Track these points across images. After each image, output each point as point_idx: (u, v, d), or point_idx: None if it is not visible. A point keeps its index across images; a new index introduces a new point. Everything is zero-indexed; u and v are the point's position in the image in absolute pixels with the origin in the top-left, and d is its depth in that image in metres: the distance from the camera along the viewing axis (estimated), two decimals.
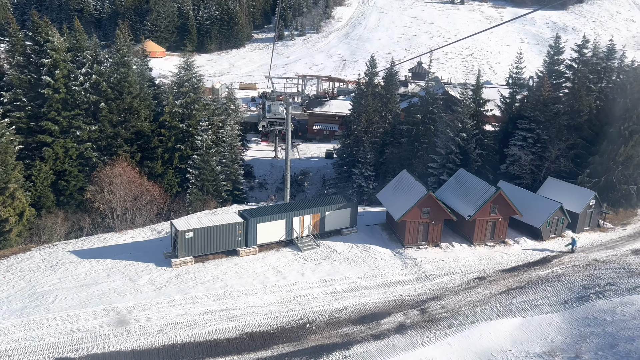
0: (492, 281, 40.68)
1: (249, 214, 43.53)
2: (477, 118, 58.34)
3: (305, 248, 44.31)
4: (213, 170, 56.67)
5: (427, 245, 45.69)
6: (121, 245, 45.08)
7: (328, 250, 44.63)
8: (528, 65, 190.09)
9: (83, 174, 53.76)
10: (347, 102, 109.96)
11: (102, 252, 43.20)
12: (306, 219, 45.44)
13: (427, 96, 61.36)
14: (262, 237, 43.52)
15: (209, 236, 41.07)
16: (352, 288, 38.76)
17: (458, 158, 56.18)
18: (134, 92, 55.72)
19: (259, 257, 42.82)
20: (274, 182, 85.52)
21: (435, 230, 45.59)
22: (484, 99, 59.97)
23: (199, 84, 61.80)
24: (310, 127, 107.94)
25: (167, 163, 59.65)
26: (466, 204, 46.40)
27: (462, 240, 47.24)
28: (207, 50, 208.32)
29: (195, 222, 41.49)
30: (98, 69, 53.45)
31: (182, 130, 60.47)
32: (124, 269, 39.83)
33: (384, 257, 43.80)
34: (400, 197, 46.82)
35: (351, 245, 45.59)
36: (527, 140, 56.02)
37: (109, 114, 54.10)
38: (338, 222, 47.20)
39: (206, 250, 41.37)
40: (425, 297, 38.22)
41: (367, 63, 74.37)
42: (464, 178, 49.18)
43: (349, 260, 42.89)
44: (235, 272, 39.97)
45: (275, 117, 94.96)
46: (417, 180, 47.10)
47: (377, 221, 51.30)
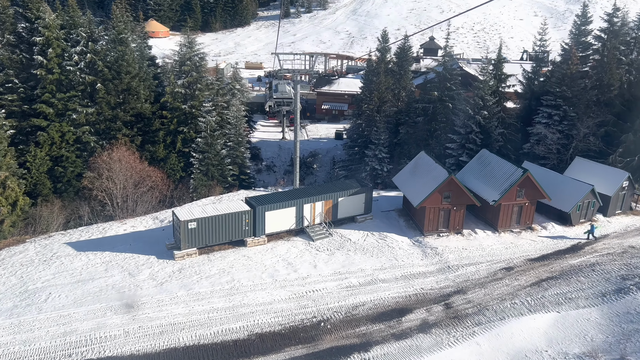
0: (521, 272, 37.50)
1: (257, 201, 40.46)
2: (498, 95, 54.54)
3: (317, 237, 41.28)
4: (218, 154, 53.54)
5: (448, 233, 42.50)
6: (121, 235, 42.26)
7: (342, 239, 41.57)
8: None
9: (81, 160, 50.82)
10: (357, 80, 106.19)
11: (101, 243, 40.41)
12: (318, 206, 42.31)
13: (444, 72, 57.52)
14: (271, 226, 40.51)
15: (214, 226, 38.11)
16: (369, 281, 35.75)
17: (478, 138, 52.60)
18: (132, 72, 52.39)
19: (268, 247, 39.86)
20: (282, 165, 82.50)
21: (457, 217, 42.34)
22: (505, 73, 56.05)
23: (201, 62, 58.30)
24: (318, 106, 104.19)
25: (170, 147, 56.55)
26: (490, 187, 43.01)
27: (486, 227, 43.98)
28: (212, 29, 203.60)
29: (198, 211, 38.49)
30: (93, 48, 50.10)
31: (185, 112, 57.20)
32: (123, 263, 37.02)
33: (402, 246, 40.70)
34: (418, 181, 43.50)
35: (366, 234, 42.49)
36: (553, 117, 52.25)
37: (107, 96, 50.90)
38: (352, 209, 44.04)
39: (211, 241, 38.45)
40: (449, 290, 35.14)
41: (378, 38, 70.44)
42: (487, 159, 45.69)
43: (365, 250, 39.83)
44: (242, 265, 37.05)
45: (283, 97, 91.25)
46: (436, 162, 43.69)
47: (393, 207, 48.09)
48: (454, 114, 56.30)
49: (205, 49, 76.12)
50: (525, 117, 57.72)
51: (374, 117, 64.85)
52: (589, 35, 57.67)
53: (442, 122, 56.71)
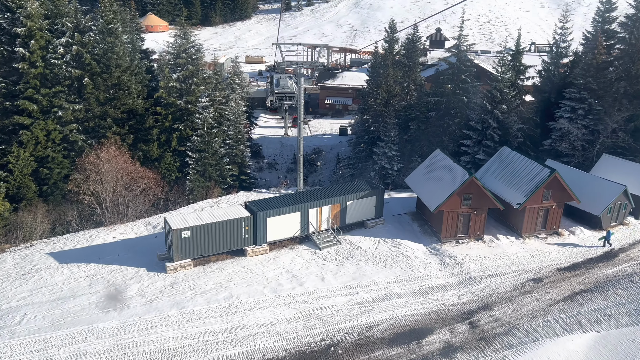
0: (551, 283, 33.74)
1: (257, 206, 36.72)
2: (517, 87, 50.64)
3: (324, 245, 37.55)
4: (216, 152, 49.78)
5: (468, 239, 38.73)
6: (109, 244, 38.57)
7: (351, 247, 37.83)
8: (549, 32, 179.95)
9: (68, 160, 47.07)
10: (362, 73, 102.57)
11: (86, 253, 36.72)
12: (324, 211, 38.57)
13: (457, 63, 53.57)
14: (274, 233, 36.79)
15: (211, 234, 34.39)
16: (383, 296, 32.01)
17: (496, 134, 48.73)
18: (123, 65, 48.59)
19: (270, 257, 36.14)
20: (284, 162, 79.04)
21: (478, 222, 38.56)
22: (524, 64, 52.11)
23: (197, 54, 54.43)
24: (321, 101, 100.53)
25: (165, 145, 52.80)
26: (513, 189, 39.20)
27: (508, 232, 40.22)
28: (212, 23, 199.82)
29: (193, 217, 34.76)
30: (80, 39, 46.30)
31: (181, 108, 53.44)
32: (110, 276, 33.32)
33: (417, 255, 36.95)
34: (434, 183, 39.69)
35: (378, 241, 38.74)
36: (577, 111, 48.31)
37: (95, 91, 47.12)
38: (362, 213, 40.29)
39: (207, 250, 34.75)
40: (473, 306, 31.39)
41: (386, 28, 66.43)
42: (509, 158, 41.85)
43: (377, 260, 36.09)
44: (242, 278, 33.34)
45: (285, 92, 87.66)
46: (454, 161, 39.87)
47: (406, 210, 44.33)
48: (469, 108, 52.43)
49: (205, 44, 72.56)
50: (544, 112, 53.80)
51: (382, 112, 60.98)
52: (614, 23, 53.56)
53: (456, 117, 52.81)
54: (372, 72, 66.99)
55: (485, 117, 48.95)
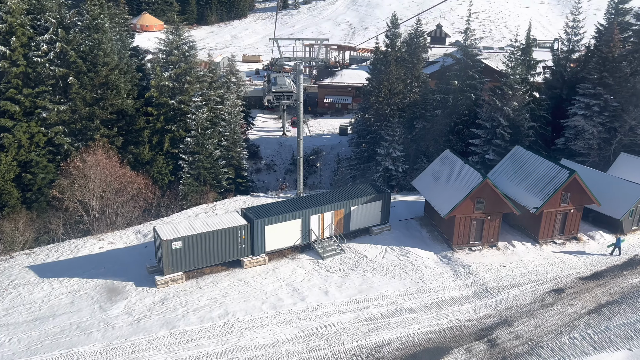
0: (574, 294, 31.10)
1: (255, 213, 34.00)
2: (527, 83, 48.01)
3: (327, 254, 34.86)
4: (210, 155, 47.03)
5: (482, 246, 36.07)
6: (95, 255, 35.82)
7: (356, 256, 35.14)
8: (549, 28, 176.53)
9: (54, 165, 44.28)
10: (361, 71, 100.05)
11: (70, 266, 33.97)
12: (327, 217, 35.88)
13: (464, 58, 50.88)
14: (272, 242, 34.09)
15: (204, 245, 31.68)
16: (392, 311, 29.32)
17: (507, 132, 46.06)
18: (111, 63, 45.82)
19: (268, 268, 33.43)
20: (282, 164, 76.57)
21: (492, 227, 35.89)
22: (535, 59, 49.49)
23: (191, 51, 51.67)
24: (320, 100, 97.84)
25: (156, 148, 50.03)
26: (529, 191, 36.55)
27: (524, 238, 37.59)
28: (208, 22, 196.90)
29: (184, 227, 32.02)
30: (64, 36, 43.53)
31: (173, 108, 50.67)
32: (94, 292, 30.58)
33: (428, 264, 34.26)
34: (444, 186, 37.00)
35: (384, 249, 36.06)
36: (592, 108, 45.64)
37: (82, 91, 44.31)
38: (367, 219, 37.62)
39: (200, 262, 32.04)
40: (491, 321, 28.74)
41: (387, 23, 63.81)
42: (523, 158, 39.19)
43: (385, 270, 33.40)
44: (238, 293, 30.62)
45: (282, 91, 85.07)
46: (466, 163, 37.19)
47: (413, 214, 41.66)
48: (476, 105, 49.78)
49: (201, 43, 69.69)
50: (555, 109, 51.20)
51: (384, 110, 58.37)
52: (628, 15, 50.98)
53: (464, 115, 50.15)
54: (373, 69, 64.38)
55: (494, 114, 46.30)
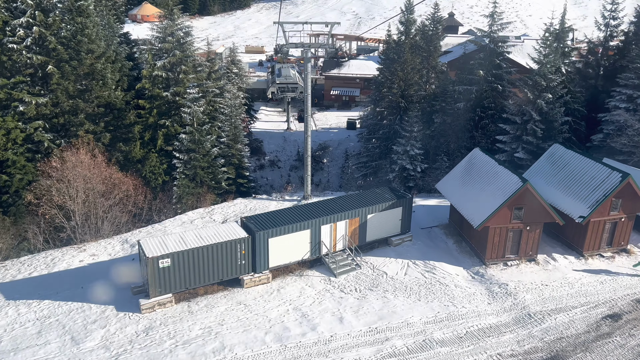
0: (633, 321, 26.31)
1: (257, 223, 29.26)
2: (562, 73, 42.97)
3: (340, 271, 30.11)
4: (208, 153, 42.25)
5: (518, 261, 31.25)
6: (74, 271, 31.19)
7: (374, 272, 30.38)
8: None
9: (33, 164, 39.59)
10: (370, 62, 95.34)
11: (43, 285, 29.34)
12: (340, 227, 31.10)
13: (491, 44, 45.76)
14: (277, 257, 29.36)
15: (197, 262, 26.99)
16: (421, 344, 24.58)
17: (539, 128, 41.07)
18: (96, 51, 41.05)
19: (272, 288, 28.72)
20: (287, 160, 72.11)
21: (531, 239, 31.03)
22: (569, 46, 44.42)
23: (186, 38, 46.76)
24: (327, 92, 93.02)
25: (149, 145, 45.27)
26: (573, 197, 31.68)
27: (565, 250, 32.78)
28: (210, 12, 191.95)
29: (174, 240, 27.30)
30: (43, 19, 38.74)
31: (168, 101, 45.86)
32: (67, 319, 25.94)
33: (458, 283, 29.48)
34: (475, 190, 32.13)
35: (406, 264, 31.28)
36: (636, 100, 40.60)
37: (63, 81, 39.59)
38: (385, 228, 32.82)
39: (193, 282, 27.35)
40: (539, 357, 23.97)
41: (401, 8, 58.56)
42: (563, 158, 34.28)
43: (408, 290, 28.64)
44: (237, 320, 25.92)
45: (287, 82, 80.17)
46: (500, 164, 32.29)
47: (436, 221, 36.86)
48: (505, 97, 44.79)
49: (203, 34, 64.91)
50: (590, 101, 46.10)
51: (399, 102, 53.44)
52: None
53: (490, 108, 45.15)
54: (384, 59, 59.35)
55: (526, 108, 41.29)
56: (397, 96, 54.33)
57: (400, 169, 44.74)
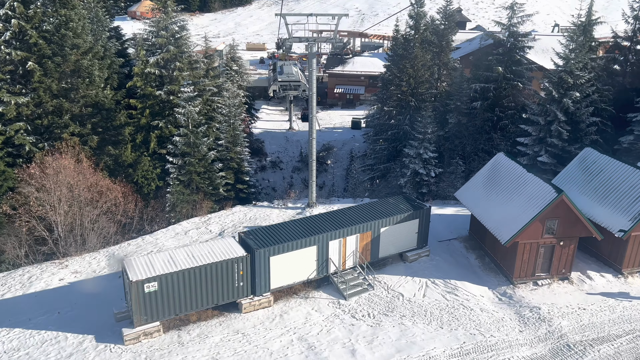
0: None
1: (256, 239, 25.91)
2: (590, 70, 39.52)
3: (351, 292, 26.76)
4: (204, 157, 38.94)
5: (550, 280, 27.87)
6: (52, 291, 27.90)
7: (389, 294, 27.01)
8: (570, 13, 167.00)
9: (14, 170, 36.33)
10: (374, 58, 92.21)
11: (15, 308, 26.04)
12: (350, 242, 27.75)
13: (510, 38, 42.27)
14: (280, 277, 26.02)
15: (189, 285, 23.67)
16: None
17: (564, 129, 37.65)
18: (82, 46, 37.75)
19: (274, 313, 25.38)
20: (289, 161, 69.08)
21: (564, 256, 27.64)
22: (597, 40, 40.97)
23: (181, 32, 43.45)
24: (330, 90, 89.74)
25: (141, 147, 42.02)
26: (610, 208, 28.28)
27: (601, 267, 29.38)
28: (211, 9, 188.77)
29: (162, 260, 23.97)
30: (23, 11, 35.46)
31: (162, 100, 42.58)
32: (38, 353, 22.63)
33: (484, 306, 26.11)
34: (501, 200, 28.74)
35: (424, 283, 27.92)
36: None
37: (46, 79, 36.34)
38: (400, 243, 29.45)
39: (184, 308, 24.03)
40: None
41: (411, 1, 55.06)
42: (597, 164, 30.86)
43: (428, 316, 25.28)
44: (234, 353, 22.58)
45: (289, 80, 77.06)
46: (529, 171, 28.87)
47: (455, 233, 33.45)
48: (525, 96, 41.39)
49: (203, 31, 61.82)
50: (618, 100, 42.63)
51: (409, 101, 50.06)
52: None
53: (510, 107, 41.75)
54: (392, 55, 55.97)
55: (550, 107, 37.86)
56: (406, 94, 50.98)
57: (412, 173, 41.33)
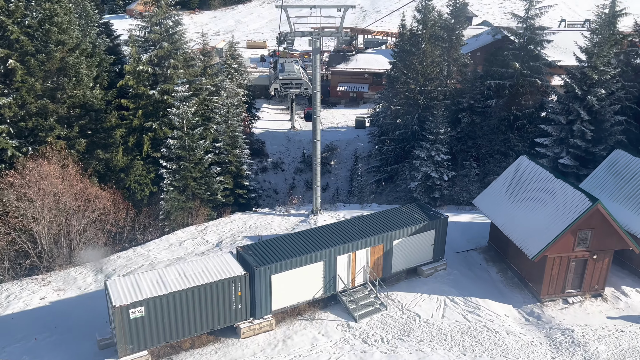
0: None
1: (256, 255, 23.25)
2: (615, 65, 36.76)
3: (361, 313, 24.08)
4: (200, 161, 36.28)
5: (582, 297, 25.20)
6: (31, 312, 25.27)
7: (403, 315, 24.33)
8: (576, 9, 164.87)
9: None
10: (378, 55, 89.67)
11: None
12: (360, 256, 25.08)
13: (527, 33, 39.50)
14: (282, 297, 23.37)
15: (180, 309, 21.04)
16: None
17: (588, 129, 34.90)
18: (68, 42, 35.13)
19: (276, 338, 22.73)
20: (291, 162, 66.59)
21: (598, 270, 24.97)
22: (621, 33, 38.20)
23: (176, 27, 40.75)
24: (333, 88, 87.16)
25: (134, 150, 39.38)
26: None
27: (636, 281, 26.70)
28: (210, 6, 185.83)
29: (150, 281, 21.33)
30: (4, 5, 32.88)
31: (156, 100, 39.90)
32: None
33: (510, 328, 23.42)
34: (527, 209, 26.02)
35: (442, 301, 25.24)
36: None
37: (29, 78, 33.75)
38: (415, 256, 26.77)
39: (175, 334, 21.37)
40: None
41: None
42: (629, 167, 28.15)
43: (449, 341, 22.60)
44: None
45: (291, 78, 74.49)
46: (557, 176, 26.14)
47: (472, 242, 30.74)
48: (544, 93, 38.66)
49: (203, 28, 59.47)
50: None
51: (417, 100, 47.38)
52: None
53: (528, 106, 39.02)
54: (398, 52, 53.28)
55: (572, 105, 35.11)
56: (414, 92, 48.28)
57: (423, 177, 38.59)
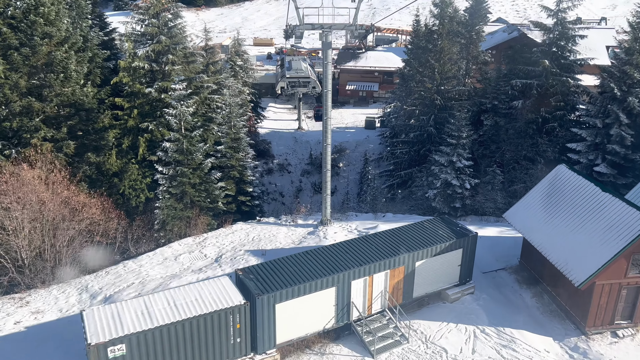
0: None
1: (258, 279, 20.08)
2: None
3: (379, 347, 20.86)
4: (200, 166, 33.19)
5: (634, 330, 21.88)
6: (2, 339, 22.28)
7: (428, 349, 21.09)
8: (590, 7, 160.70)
9: None
10: (389, 53, 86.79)
11: None
12: (378, 280, 21.87)
13: (558, 28, 36.17)
14: (288, 328, 20.19)
15: (169, 345, 17.93)
16: None
17: (627, 133, 31.53)
18: (56, 35, 32.16)
19: None
20: (298, 163, 64.13)
21: None
22: None
23: (175, 20, 37.71)
24: (342, 87, 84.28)
25: (129, 153, 36.40)
26: None
27: None
28: (217, 3, 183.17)
29: (135, 311, 18.22)
30: None
31: (153, 99, 36.88)
32: None
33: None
34: (568, 227, 22.69)
35: (472, 332, 21.97)
36: None
37: (12, 74, 30.84)
38: (439, 279, 23.54)
39: None
40: None
41: None
42: None
43: None
44: None
45: (298, 76, 72.05)
46: (604, 190, 22.80)
47: (501, 260, 27.42)
48: (576, 94, 35.31)
49: (209, 25, 56.61)
50: None
51: (434, 100, 44.21)
52: None
53: (559, 107, 35.65)
54: (412, 49, 50.07)
55: (611, 107, 31.74)
56: (430, 91, 45.09)
57: (443, 184, 35.31)
